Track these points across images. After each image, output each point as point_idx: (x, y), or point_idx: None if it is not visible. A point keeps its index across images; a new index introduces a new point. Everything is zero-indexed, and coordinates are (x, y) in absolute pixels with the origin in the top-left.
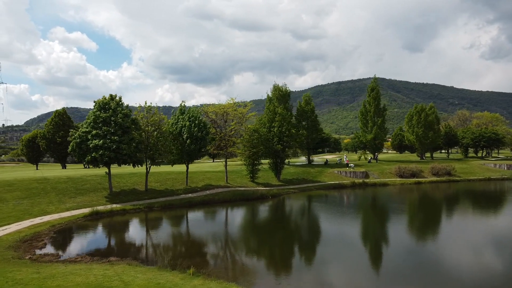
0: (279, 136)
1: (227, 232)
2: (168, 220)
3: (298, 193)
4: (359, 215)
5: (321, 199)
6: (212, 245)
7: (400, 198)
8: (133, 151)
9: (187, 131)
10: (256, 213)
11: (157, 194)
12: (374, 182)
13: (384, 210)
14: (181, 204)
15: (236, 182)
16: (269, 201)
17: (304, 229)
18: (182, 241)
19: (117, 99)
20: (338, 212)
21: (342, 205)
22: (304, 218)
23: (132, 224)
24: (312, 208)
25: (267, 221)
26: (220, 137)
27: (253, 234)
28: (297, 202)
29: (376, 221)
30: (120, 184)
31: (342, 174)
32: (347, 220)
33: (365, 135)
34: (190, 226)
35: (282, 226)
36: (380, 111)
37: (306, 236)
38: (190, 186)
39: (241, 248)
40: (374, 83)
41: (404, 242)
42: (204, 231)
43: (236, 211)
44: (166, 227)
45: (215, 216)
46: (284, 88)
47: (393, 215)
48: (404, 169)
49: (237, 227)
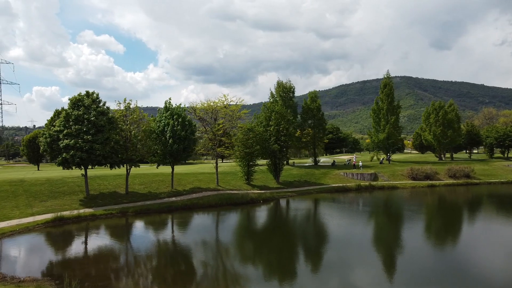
0: (276, 135)
1: (186, 247)
2: (134, 228)
3: (295, 197)
4: (349, 228)
5: (317, 205)
6: (146, 265)
7: (406, 203)
8: (108, 151)
9: (170, 130)
10: (235, 220)
11: (138, 197)
12: (382, 185)
13: (383, 220)
14: (159, 209)
15: (230, 184)
16: (259, 206)
17: (284, 247)
18: (125, 259)
19: (94, 96)
20: (328, 223)
21: (335, 212)
22: (288, 230)
23: (90, 233)
24: (302, 217)
25: (242, 232)
26: (208, 136)
27: (215, 249)
28: (289, 208)
29: (370, 241)
30: (100, 186)
31: (348, 176)
32: (333, 234)
33: (377, 134)
34: (149, 237)
35: (253, 242)
36: (394, 108)
37: (283, 257)
38: (176, 189)
39: (190, 271)
40: (387, 79)
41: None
42: (160, 245)
43: (216, 218)
44: (121, 239)
45: (188, 224)
46: (288, 85)
47: (391, 225)
48: (417, 171)
49: (204, 240)
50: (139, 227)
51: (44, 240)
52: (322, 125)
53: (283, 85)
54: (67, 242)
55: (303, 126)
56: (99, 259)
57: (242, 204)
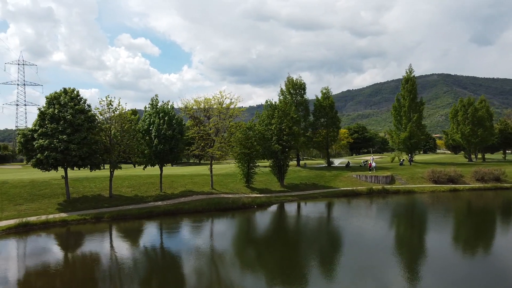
0: (278, 134)
1: (134, 262)
2: (96, 237)
3: (296, 201)
4: (339, 246)
5: (317, 211)
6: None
7: (418, 210)
8: (85, 152)
9: (155, 129)
10: (215, 229)
11: (121, 201)
12: (396, 188)
13: (374, 238)
14: (138, 214)
15: (228, 187)
16: (251, 212)
17: (261, 265)
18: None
19: (74, 93)
20: (312, 238)
21: (330, 223)
22: (267, 243)
23: (45, 242)
24: (291, 226)
25: (212, 244)
26: (200, 136)
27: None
28: (282, 215)
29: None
30: (86, 189)
31: (361, 179)
32: (318, 254)
33: (398, 133)
34: (103, 249)
35: (218, 258)
36: (417, 105)
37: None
38: (165, 192)
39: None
40: (409, 73)
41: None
42: (107, 259)
43: (195, 225)
44: (73, 250)
45: (159, 233)
46: (299, 81)
47: (385, 252)
48: (439, 173)
49: (163, 255)
50: (102, 236)
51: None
52: (336, 124)
53: (292, 82)
54: (9, 253)
55: (315, 125)
56: (30, 276)
57: (233, 210)
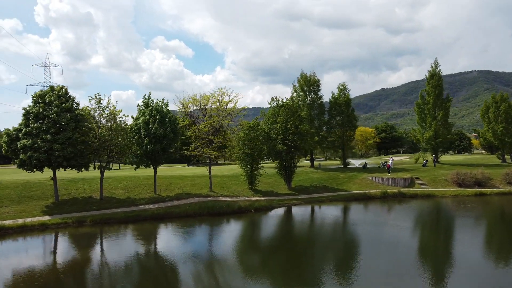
0: (283, 133)
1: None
2: (70, 243)
3: (301, 206)
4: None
5: (319, 218)
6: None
7: (431, 218)
8: (70, 153)
9: (144, 128)
10: (198, 237)
11: (112, 204)
12: (414, 192)
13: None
14: (124, 218)
15: (229, 190)
16: (246, 217)
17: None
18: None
19: (63, 91)
20: (305, 252)
21: (328, 232)
22: (249, 258)
23: (15, 248)
24: (285, 235)
25: (188, 256)
26: (195, 135)
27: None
28: (279, 221)
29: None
30: (78, 190)
31: (378, 181)
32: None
33: (422, 132)
34: (71, 256)
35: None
36: (442, 102)
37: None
38: (159, 194)
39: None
40: (435, 68)
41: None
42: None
43: (180, 231)
44: (38, 257)
45: (137, 241)
46: (313, 77)
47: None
48: (465, 176)
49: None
50: (72, 243)
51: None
52: (352, 122)
53: (306, 78)
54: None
55: (330, 124)
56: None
57: (227, 214)
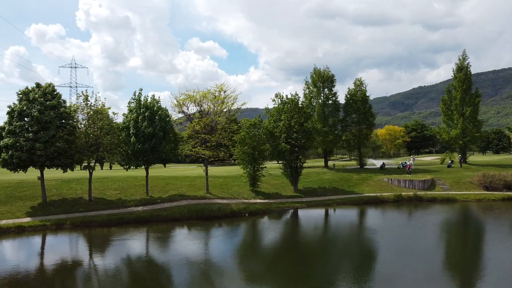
0: (287, 132)
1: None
2: (29, 249)
3: (302, 210)
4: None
5: (318, 224)
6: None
7: (445, 227)
8: (53, 152)
9: (133, 126)
10: (167, 246)
11: (100, 206)
12: (432, 196)
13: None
14: (107, 221)
15: (229, 191)
16: (238, 222)
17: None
18: None
19: (49, 89)
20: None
21: (321, 242)
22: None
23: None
24: (273, 245)
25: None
26: (189, 134)
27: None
28: (271, 228)
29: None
30: (69, 191)
31: (393, 183)
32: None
33: (448, 130)
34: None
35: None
36: (471, 98)
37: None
38: (151, 196)
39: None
40: (463, 60)
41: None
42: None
43: (153, 238)
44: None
45: (107, 248)
46: (326, 73)
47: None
48: (492, 178)
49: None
50: (47, 247)
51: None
52: (369, 120)
53: (319, 73)
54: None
55: (345, 121)
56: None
57: (218, 218)
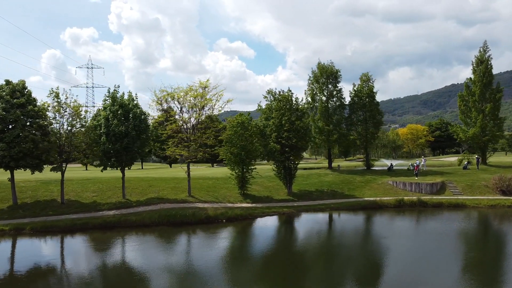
0: (277, 130)
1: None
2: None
3: (290, 216)
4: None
5: (301, 233)
6: None
7: (444, 242)
8: (17, 152)
9: (104, 125)
10: (114, 256)
11: (72, 209)
12: (438, 201)
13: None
14: (70, 226)
15: (215, 195)
16: (211, 229)
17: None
18: None
19: (19, 86)
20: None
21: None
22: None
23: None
24: (238, 258)
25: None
26: (167, 134)
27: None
28: (241, 238)
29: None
30: (45, 193)
31: (398, 186)
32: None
33: (465, 129)
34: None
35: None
36: (492, 93)
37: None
38: (128, 199)
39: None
40: (483, 52)
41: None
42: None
43: (100, 246)
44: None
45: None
46: (330, 67)
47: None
48: (510, 181)
49: None
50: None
51: None
52: (376, 118)
53: (322, 68)
54: None
55: (350, 119)
56: None
57: (192, 224)
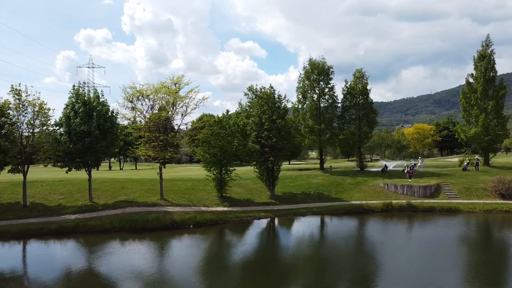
0: (257, 129)
1: None
2: None
3: (266, 220)
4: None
5: (267, 240)
6: None
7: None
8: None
9: (65, 123)
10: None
11: (33, 212)
12: (430, 205)
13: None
14: (24, 231)
15: (190, 198)
16: (173, 235)
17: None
18: None
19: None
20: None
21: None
22: None
23: None
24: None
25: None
26: (138, 135)
27: None
28: (202, 246)
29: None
30: (10, 195)
31: (389, 189)
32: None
33: (467, 128)
34: None
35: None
36: (495, 90)
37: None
38: (94, 202)
39: None
40: (485, 47)
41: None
42: None
43: (68, 255)
44: None
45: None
46: (322, 63)
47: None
48: (510, 184)
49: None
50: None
51: None
52: (370, 116)
53: (313, 64)
54: None
55: (343, 118)
56: None
57: (155, 230)
